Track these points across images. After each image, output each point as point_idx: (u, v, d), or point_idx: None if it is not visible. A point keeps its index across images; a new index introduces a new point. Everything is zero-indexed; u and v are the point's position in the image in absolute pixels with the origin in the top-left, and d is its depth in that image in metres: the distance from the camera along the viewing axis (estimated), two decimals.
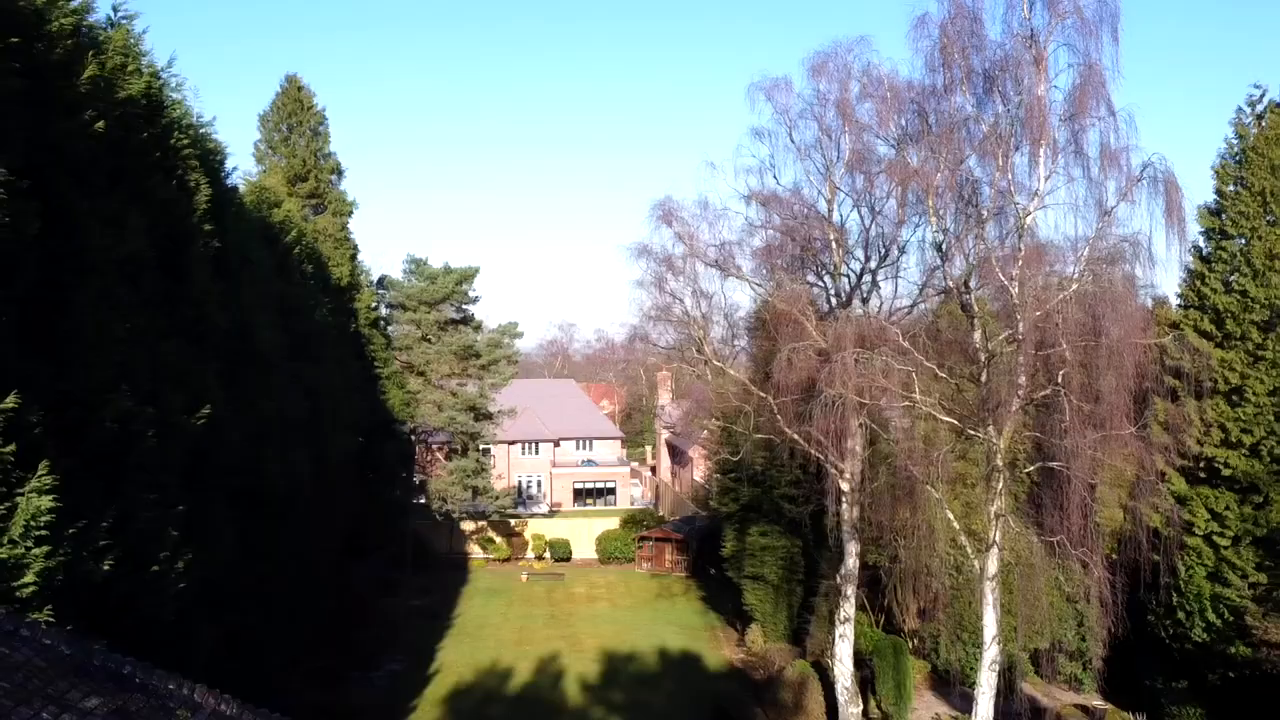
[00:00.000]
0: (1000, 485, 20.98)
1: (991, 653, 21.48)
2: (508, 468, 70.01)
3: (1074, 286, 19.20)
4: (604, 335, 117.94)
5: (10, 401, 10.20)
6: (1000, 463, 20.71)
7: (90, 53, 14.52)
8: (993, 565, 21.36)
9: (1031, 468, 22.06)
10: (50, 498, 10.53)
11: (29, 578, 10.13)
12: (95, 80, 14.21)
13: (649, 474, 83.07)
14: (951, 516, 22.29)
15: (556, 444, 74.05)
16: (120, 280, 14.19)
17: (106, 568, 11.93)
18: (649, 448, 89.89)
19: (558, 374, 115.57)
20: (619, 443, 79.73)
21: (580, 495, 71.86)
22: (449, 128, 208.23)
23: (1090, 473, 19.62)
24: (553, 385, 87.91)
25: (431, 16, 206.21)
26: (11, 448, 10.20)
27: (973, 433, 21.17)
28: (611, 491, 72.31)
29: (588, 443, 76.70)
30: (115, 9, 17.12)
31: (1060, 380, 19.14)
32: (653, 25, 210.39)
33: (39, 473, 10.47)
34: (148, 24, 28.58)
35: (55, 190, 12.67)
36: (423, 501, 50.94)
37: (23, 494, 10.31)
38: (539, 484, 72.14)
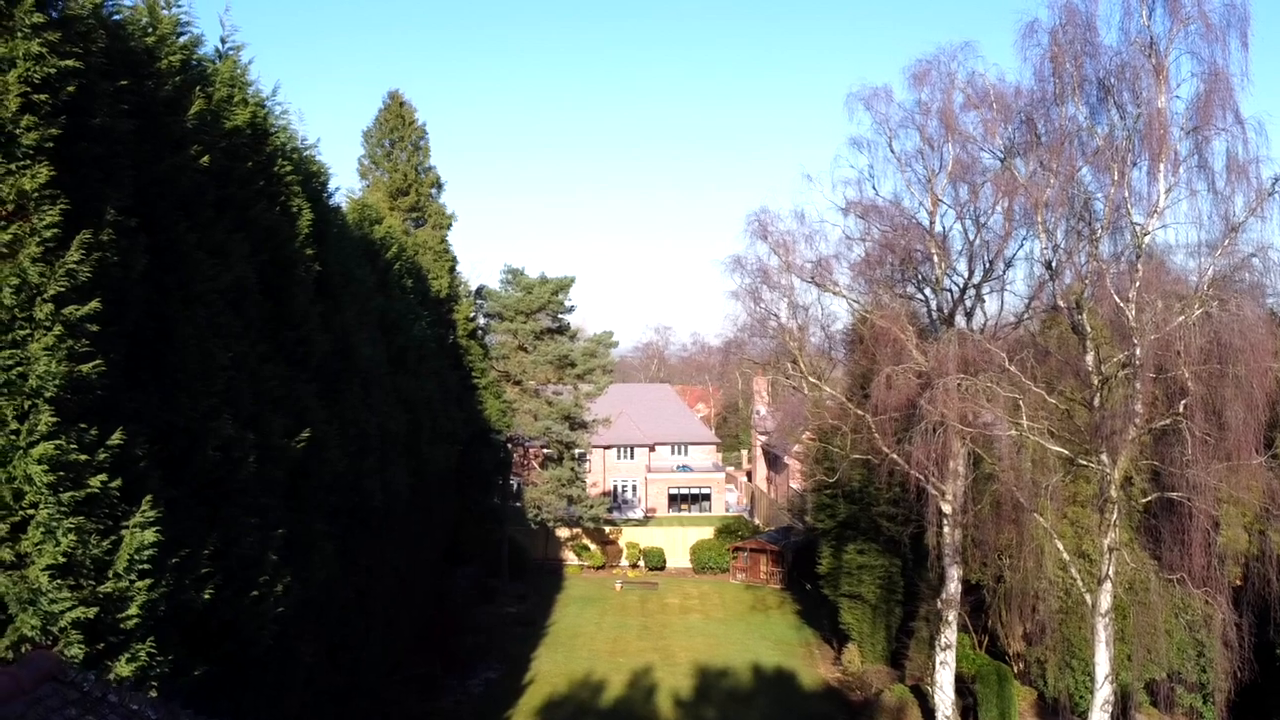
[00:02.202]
0: (1114, 517, 19.91)
1: (1104, 693, 20.41)
2: (603, 472, 70.37)
3: (1197, 309, 18.05)
4: (700, 339, 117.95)
5: (116, 438, 10.47)
6: (1114, 493, 19.65)
7: (198, 87, 14.93)
8: (1105, 601, 20.28)
9: (1148, 498, 20.87)
10: (154, 530, 10.77)
11: (132, 610, 10.38)
12: (202, 114, 14.61)
13: (744, 479, 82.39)
14: (1061, 546, 21.29)
15: (651, 449, 74.16)
16: (224, 308, 14.54)
17: (207, 596, 12.19)
18: (745, 451, 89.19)
19: (653, 377, 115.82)
20: (714, 448, 79.34)
21: (675, 500, 71.76)
22: (544, 132, 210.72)
23: (1214, 505, 18.45)
24: (648, 390, 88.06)
25: (525, 21, 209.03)
26: (118, 482, 10.46)
27: (1084, 462, 20.14)
28: (706, 498, 72.01)
29: (683, 448, 76.61)
30: (223, 40, 17.63)
31: (1182, 410, 18.02)
32: (747, 28, 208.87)
33: (143, 507, 10.72)
34: (254, 54, 29.51)
35: (162, 224, 13.01)
36: (519, 505, 51.52)
37: (128, 527, 10.58)
38: (634, 489, 72.32)
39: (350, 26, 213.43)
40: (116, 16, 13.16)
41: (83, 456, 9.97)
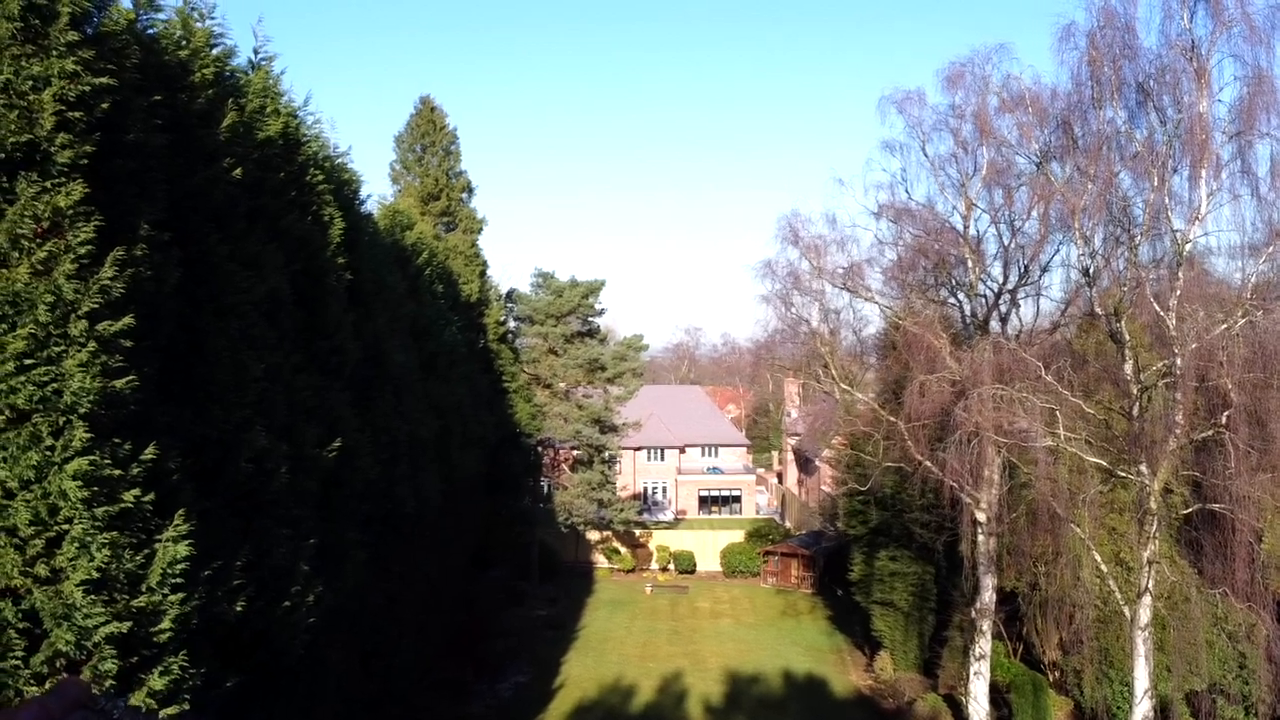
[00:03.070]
0: (1153, 529, 19.52)
1: (1143, 707, 20.04)
2: (633, 474, 70.28)
3: (1240, 317, 17.64)
4: (730, 340, 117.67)
5: (150, 452, 10.52)
6: (1153, 505, 19.26)
7: (231, 99, 14.99)
8: (1144, 614, 19.90)
9: (1189, 509, 20.45)
10: (187, 543, 10.82)
11: (165, 624, 10.43)
12: (235, 126, 14.68)
13: (775, 481, 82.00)
14: (1098, 556, 20.91)
15: (682, 450, 73.97)
16: (258, 320, 14.58)
17: (240, 607, 12.24)
18: (775, 453, 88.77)
19: (684, 378, 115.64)
20: (745, 450, 79.02)
21: (705, 503, 71.49)
22: (569, 134, 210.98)
23: (1257, 517, 18.03)
24: (679, 391, 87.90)
25: (540, 23, 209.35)
26: (151, 496, 10.51)
27: (1123, 473, 19.76)
28: (737, 500, 71.68)
29: (713, 450, 76.36)
30: (256, 51, 17.70)
31: (1224, 421, 17.62)
32: (767, 30, 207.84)
33: (175, 521, 10.77)
34: (286, 64, 29.63)
35: (195, 237, 13.08)
36: (549, 508, 51.58)
37: (161, 541, 10.63)
38: (664, 490, 72.16)
39: (366, 30, 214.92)
40: (151, 31, 13.24)
41: (116, 471, 10.02)
